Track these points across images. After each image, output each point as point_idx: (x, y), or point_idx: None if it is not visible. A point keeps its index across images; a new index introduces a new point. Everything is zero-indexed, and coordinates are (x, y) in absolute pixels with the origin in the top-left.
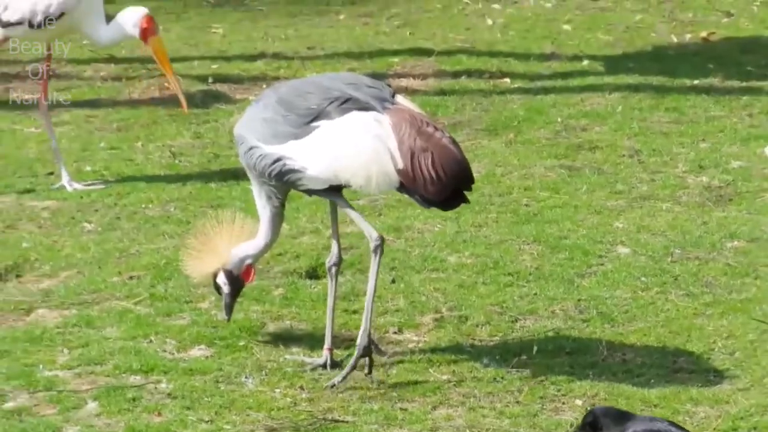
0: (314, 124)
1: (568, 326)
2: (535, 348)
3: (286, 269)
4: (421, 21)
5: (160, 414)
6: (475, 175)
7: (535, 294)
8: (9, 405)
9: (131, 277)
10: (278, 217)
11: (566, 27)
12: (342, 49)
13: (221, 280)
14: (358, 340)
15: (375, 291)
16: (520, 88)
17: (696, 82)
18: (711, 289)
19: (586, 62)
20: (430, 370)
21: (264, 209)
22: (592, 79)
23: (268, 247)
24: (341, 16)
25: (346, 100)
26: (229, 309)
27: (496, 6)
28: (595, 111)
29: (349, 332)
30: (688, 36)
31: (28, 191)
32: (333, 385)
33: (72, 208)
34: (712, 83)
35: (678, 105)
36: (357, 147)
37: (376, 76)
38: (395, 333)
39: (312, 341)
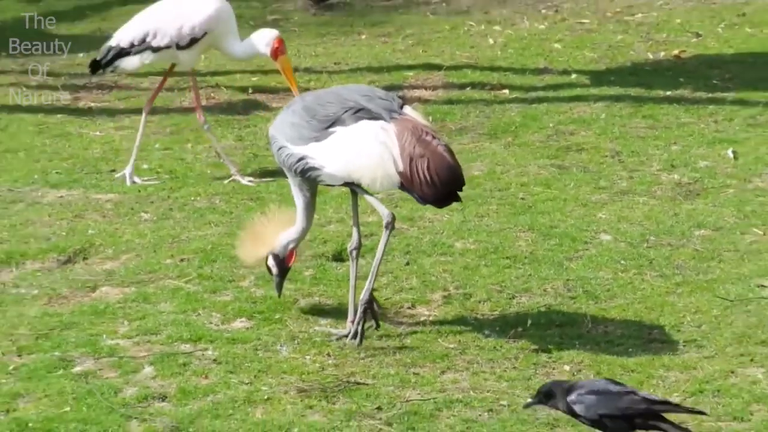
0: (331, 129)
1: (557, 303)
2: (529, 321)
3: (315, 253)
4: (432, 40)
5: (206, 377)
6: (477, 173)
7: (530, 275)
8: (77, 369)
9: (182, 260)
10: (310, 207)
11: (557, 45)
12: (364, 64)
13: (270, 263)
14: (362, 296)
15: (381, 258)
16: (517, 98)
17: (669, 93)
18: (681, 271)
19: (574, 76)
20: (439, 340)
21: (298, 199)
22: (579, 90)
23: (304, 231)
24: (363, 36)
25: (359, 110)
26: (279, 287)
27: (496, 27)
28: (581, 118)
29: None
30: (662, 53)
31: (94, 186)
32: (356, 342)
33: (131, 200)
34: (682, 94)
35: (653, 113)
36: (365, 151)
37: (392, 87)
38: (409, 308)
39: (338, 315)
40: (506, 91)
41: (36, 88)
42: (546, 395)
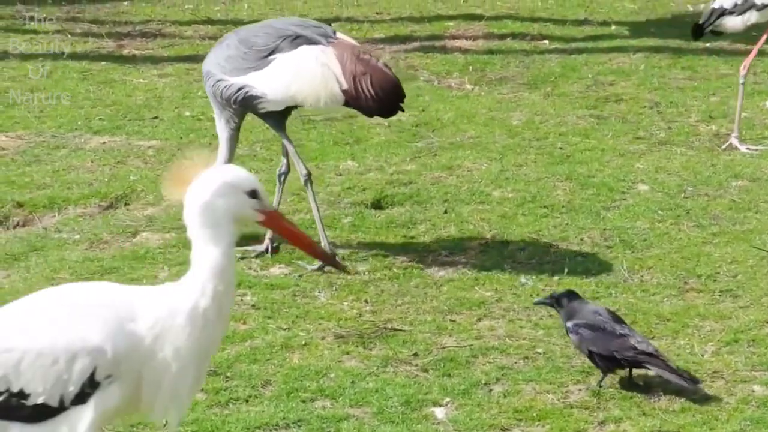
0: (270, 57)
1: (594, 252)
2: (566, 270)
3: (354, 201)
4: None
5: (245, 322)
6: (516, 122)
7: (567, 224)
8: None
9: None
10: (233, 140)
11: None
12: (405, 14)
13: None
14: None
15: (318, 213)
16: (557, 48)
17: (708, 44)
18: (717, 221)
19: (614, 27)
20: (476, 287)
21: (223, 131)
22: (619, 41)
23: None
24: None
25: (297, 37)
26: None
27: None
28: (621, 69)
29: (406, 255)
30: (701, 5)
31: (136, 132)
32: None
33: (173, 147)
34: (722, 46)
35: (692, 64)
36: (308, 74)
37: (433, 37)
38: (446, 256)
39: (375, 261)
40: (546, 41)
41: (81, 35)
42: (556, 301)
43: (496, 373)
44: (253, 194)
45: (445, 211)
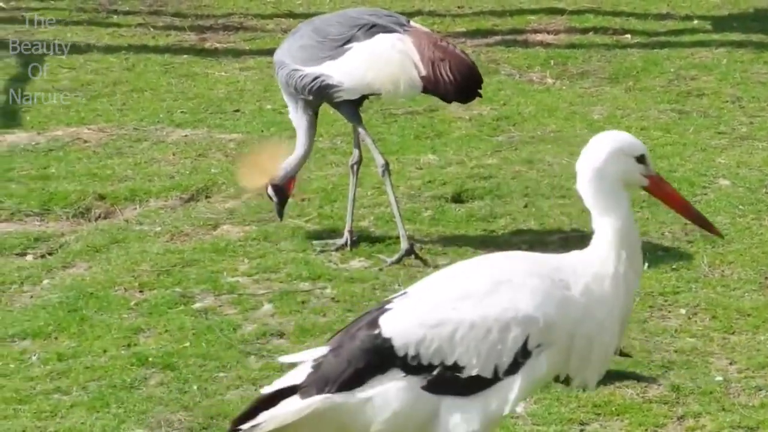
0: (346, 46)
1: (675, 246)
2: (646, 264)
3: (434, 194)
4: None
5: (325, 315)
6: (597, 117)
7: (648, 218)
8: (197, 305)
9: (303, 199)
10: (312, 127)
11: None
12: (487, 8)
13: (270, 192)
14: (402, 244)
15: (396, 204)
16: (639, 42)
17: None
18: None
19: (696, 21)
20: None
21: (300, 120)
22: (701, 36)
23: (305, 156)
24: None
25: (372, 26)
26: (280, 215)
27: None
28: (703, 63)
29: (486, 249)
30: None
31: (218, 126)
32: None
33: (254, 140)
34: None
35: None
36: (386, 61)
37: (515, 31)
38: (527, 250)
39: (455, 255)
40: (628, 35)
41: (163, 28)
42: None
43: None
44: (641, 159)
45: (526, 206)
